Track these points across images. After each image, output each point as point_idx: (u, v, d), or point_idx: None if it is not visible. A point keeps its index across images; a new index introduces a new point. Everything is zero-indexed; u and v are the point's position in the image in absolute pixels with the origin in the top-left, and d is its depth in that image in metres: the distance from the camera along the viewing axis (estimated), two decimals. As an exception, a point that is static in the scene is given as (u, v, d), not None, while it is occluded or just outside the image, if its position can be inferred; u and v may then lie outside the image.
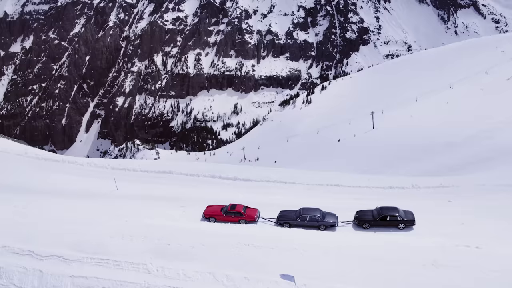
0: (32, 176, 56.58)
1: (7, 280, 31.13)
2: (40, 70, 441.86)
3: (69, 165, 64.15)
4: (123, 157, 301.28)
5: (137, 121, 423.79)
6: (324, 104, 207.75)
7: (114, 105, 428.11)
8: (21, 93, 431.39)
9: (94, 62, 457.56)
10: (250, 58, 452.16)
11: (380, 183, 53.97)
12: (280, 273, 27.71)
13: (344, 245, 32.41)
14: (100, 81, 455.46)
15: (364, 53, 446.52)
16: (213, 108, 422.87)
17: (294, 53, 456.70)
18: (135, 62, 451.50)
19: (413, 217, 37.72)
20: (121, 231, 34.96)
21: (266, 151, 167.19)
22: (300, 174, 61.18)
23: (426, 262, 29.56)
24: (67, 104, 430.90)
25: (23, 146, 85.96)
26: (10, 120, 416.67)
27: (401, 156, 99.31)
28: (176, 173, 59.67)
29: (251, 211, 39.75)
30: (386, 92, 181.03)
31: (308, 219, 37.76)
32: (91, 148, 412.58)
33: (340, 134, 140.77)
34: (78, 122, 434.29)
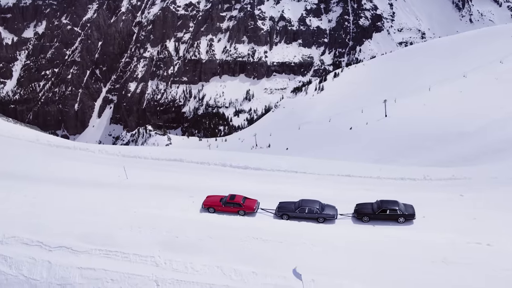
0: (43, 163, 56.70)
1: (16, 271, 31.27)
2: (53, 56, 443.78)
3: (80, 152, 64.09)
4: (135, 142, 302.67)
5: (149, 106, 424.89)
6: (337, 91, 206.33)
7: (126, 90, 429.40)
8: (34, 78, 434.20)
9: (106, 47, 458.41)
10: (262, 44, 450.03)
11: (392, 174, 53.27)
12: (289, 269, 27.48)
13: (353, 240, 32.04)
14: (113, 67, 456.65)
15: (377, 40, 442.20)
16: (225, 94, 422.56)
17: (306, 40, 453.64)
18: (148, 48, 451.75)
19: (414, 211, 37.19)
20: (130, 222, 34.91)
21: (278, 138, 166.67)
22: (311, 163, 60.51)
23: (436, 259, 29.10)
24: (79, 90, 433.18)
25: (35, 132, 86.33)
26: (23, 105, 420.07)
27: (413, 145, 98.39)
28: (187, 161, 59.42)
29: (250, 202, 39.51)
30: (399, 80, 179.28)
31: (307, 211, 37.44)
32: (103, 133, 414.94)
33: (352, 121, 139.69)
34: (91, 108, 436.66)
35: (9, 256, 32.26)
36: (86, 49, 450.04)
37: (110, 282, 29.07)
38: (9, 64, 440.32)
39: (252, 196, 40.97)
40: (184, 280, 28.31)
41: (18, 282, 30.65)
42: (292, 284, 26.54)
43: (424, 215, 37.09)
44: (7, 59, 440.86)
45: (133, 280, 28.86)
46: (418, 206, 39.03)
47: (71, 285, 29.59)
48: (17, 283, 30.64)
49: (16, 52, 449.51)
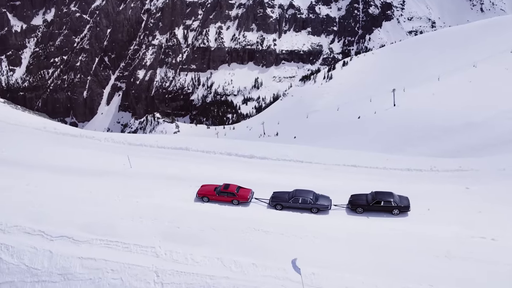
0: (49, 151, 56.53)
1: (18, 260, 31.33)
2: (62, 43, 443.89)
3: (86, 140, 63.95)
4: (143, 130, 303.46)
5: (158, 94, 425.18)
6: (345, 80, 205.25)
7: (135, 78, 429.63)
8: (43, 65, 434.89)
9: (115, 35, 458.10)
10: (271, 32, 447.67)
11: (398, 164, 52.71)
12: (289, 261, 27.20)
13: (355, 233, 31.77)
14: (121, 54, 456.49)
15: (387, 29, 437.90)
16: (233, 82, 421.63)
17: (316, 28, 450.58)
18: (156, 35, 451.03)
19: (408, 203, 36.81)
20: (132, 213, 34.85)
21: (285, 127, 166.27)
22: (317, 152, 59.87)
23: (440, 253, 28.78)
24: (88, 77, 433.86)
25: (42, 119, 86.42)
26: (32, 93, 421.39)
27: (421, 135, 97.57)
28: (193, 150, 59.13)
29: (244, 191, 39.37)
30: (408, 69, 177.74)
31: (301, 201, 37.23)
32: (112, 120, 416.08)
33: (360, 110, 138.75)
34: (99, 95, 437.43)
35: (11, 245, 32.31)
36: (95, 36, 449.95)
37: (110, 272, 29.02)
38: (18, 51, 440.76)
39: (257, 186, 40.81)
40: (184, 272, 28.19)
41: (20, 271, 30.70)
42: (292, 276, 26.30)
43: (429, 207, 36.74)
44: (16, 47, 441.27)
45: (133, 270, 28.77)
46: (424, 198, 38.81)
47: (72, 274, 29.56)
48: (18, 272, 30.70)
49: (25, 40, 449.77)
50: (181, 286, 27.48)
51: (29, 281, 30.00)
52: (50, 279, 29.70)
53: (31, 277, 30.14)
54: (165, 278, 28.10)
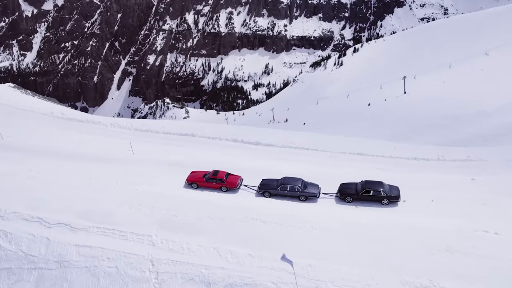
0: (54, 137, 56.53)
1: (16, 247, 31.39)
2: (72, 28, 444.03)
3: (93, 125, 63.78)
4: (153, 115, 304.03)
5: (168, 79, 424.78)
6: (356, 66, 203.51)
7: (145, 63, 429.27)
8: (54, 50, 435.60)
9: (125, 20, 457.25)
10: (282, 18, 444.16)
11: (405, 153, 51.76)
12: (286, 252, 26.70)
13: (354, 224, 31.16)
14: (132, 39, 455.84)
15: (398, 16, 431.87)
16: (244, 68, 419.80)
17: (327, 14, 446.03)
18: (167, 20, 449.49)
19: (399, 193, 36.36)
20: (130, 200, 34.63)
21: (295, 113, 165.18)
22: (324, 140, 59.11)
23: (441, 247, 28.11)
24: (99, 62, 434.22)
25: (51, 104, 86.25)
26: (43, 77, 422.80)
27: (431, 123, 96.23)
28: (199, 136, 58.66)
29: (233, 178, 39.30)
30: (419, 56, 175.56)
31: (289, 189, 36.95)
32: (122, 105, 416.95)
33: (370, 98, 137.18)
34: (110, 80, 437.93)
35: (9, 232, 32.43)
36: (106, 21, 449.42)
37: (106, 261, 28.86)
38: (29, 36, 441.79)
39: (260, 174, 40.49)
40: (179, 261, 27.94)
41: (17, 258, 30.74)
42: (288, 268, 25.80)
43: (433, 198, 36.03)
44: (27, 32, 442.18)
45: (129, 259, 28.58)
46: (429, 189, 38.19)
47: (68, 262, 29.50)
48: (16, 259, 30.74)
49: (36, 25, 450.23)
50: (176, 275, 27.23)
51: (26, 268, 29.99)
52: (46, 266, 29.64)
53: (28, 264, 30.15)
54: (160, 267, 27.87)
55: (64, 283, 28.49)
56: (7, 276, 29.97)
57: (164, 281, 27.08)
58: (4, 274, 30.12)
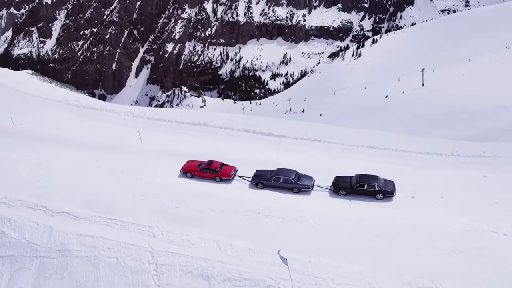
0: (66, 125, 56.79)
1: (19, 234, 31.56)
2: (92, 15, 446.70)
3: (106, 113, 63.86)
4: (170, 103, 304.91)
5: (186, 68, 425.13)
6: (374, 58, 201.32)
7: (163, 51, 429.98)
8: (73, 37, 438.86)
9: (144, 8, 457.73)
10: (301, 8, 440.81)
11: (419, 147, 50.74)
12: (287, 247, 26.20)
13: (358, 221, 30.43)
14: (150, 27, 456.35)
15: (419, 7, 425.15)
16: (262, 57, 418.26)
17: (346, 4, 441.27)
18: (186, 9, 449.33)
19: (394, 188, 35.75)
20: (134, 190, 34.48)
21: (312, 103, 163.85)
22: (337, 132, 58.28)
23: (446, 246, 27.28)
24: (117, 49, 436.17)
25: (66, 92, 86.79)
26: (62, 64, 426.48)
27: (448, 117, 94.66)
28: (211, 126, 58.37)
29: (227, 169, 39.31)
30: (439, 49, 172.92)
31: (282, 180, 36.78)
32: (140, 93, 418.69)
33: (388, 90, 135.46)
34: (128, 68, 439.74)
35: (13, 219, 32.64)
36: (124, 9, 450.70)
37: (106, 251, 28.75)
38: (48, 23, 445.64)
39: (269, 165, 40.12)
40: (179, 253, 27.68)
41: (20, 246, 30.90)
42: (288, 264, 25.23)
43: (443, 195, 35.22)
44: (47, 19, 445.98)
45: (129, 250, 28.41)
46: (439, 185, 37.43)
47: (69, 251, 29.48)
48: (19, 246, 30.90)
49: (55, 12, 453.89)
50: (175, 268, 26.97)
51: (29, 256, 30.09)
52: (48, 255, 29.67)
53: (30, 252, 30.24)
54: (160, 259, 27.65)
55: (65, 272, 28.45)
56: (10, 264, 30.12)
57: (162, 273, 26.83)
58: (7, 261, 30.27)
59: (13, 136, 50.38)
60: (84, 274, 28.00)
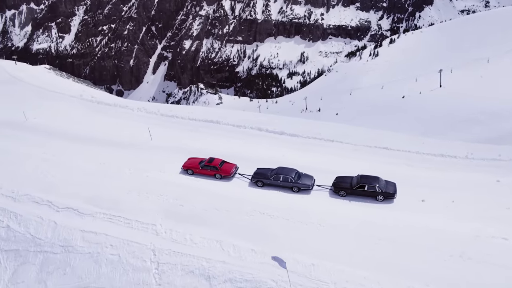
0: (78, 120, 57.01)
1: (24, 229, 31.70)
2: (110, 11, 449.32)
3: (120, 109, 63.90)
4: (187, 100, 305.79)
5: (203, 65, 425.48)
6: (391, 58, 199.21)
7: (181, 48, 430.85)
8: (91, 33, 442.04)
9: (162, 4, 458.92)
10: (319, 6, 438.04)
11: (433, 149, 49.75)
12: (291, 249, 25.71)
13: (367, 223, 29.76)
14: (168, 24, 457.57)
15: (438, 7, 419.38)
16: (279, 56, 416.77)
17: (365, 3, 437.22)
18: (204, 6, 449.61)
19: (395, 190, 35.00)
20: (139, 187, 34.34)
21: (328, 103, 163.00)
22: (350, 131, 57.48)
23: (454, 252, 26.51)
24: (135, 46, 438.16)
25: (82, 87, 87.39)
26: (80, 60, 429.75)
27: (466, 119, 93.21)
28: (224, 123, 57.97)
29: (227, 166, 39.05)
30: (457, 49, 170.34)
31: (282, 179, 36.39)
32: (157, 89, 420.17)
33: (405, 90, 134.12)
34: (146, 64, 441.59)
35: (19, 214, 32.82)
36: (143, 5, 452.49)
37: (109, 248, 28.65)
38: (67, 19, 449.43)
39: (278, 165, 39.16)
40: (181, 252, 27.42)
41: (25, 240, 31.03)
42: (291, 266, 24.85)
43: (454, 199, 34.28)
44: (66, 14, 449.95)
45: (131, 247, 28.25)
46: (451, 188, 36.52)
47: (72, 247, 29.46)
48: (23, 241, 31.05)
49: (74, 8, 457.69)
50: (176, 267, 26.70)
51: (32, 251, 30.17)
52: (52, 250, 29.70)
53: (34, 247, 30.32)
54: (162, 257, 27.44)
55: (67, 268, 28.41)
56: (14, 258, 30.27)
57: (164, 272, 26.59)
58: (12, 256, 30.40)
59: (25, 130, 50.74)
60: (86, 270, 27.93)
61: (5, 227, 31.91)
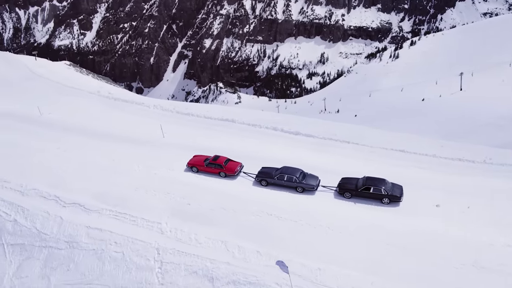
0: (93, 116, 56.94)
1: (31, 223, 31.62)
2: (131, 9, 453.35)
3: (136, 106, 63.82)
4: (206, 98, 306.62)
5: (223, 64, 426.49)
6: (412, 60, 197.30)
7: (201, 46, 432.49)
8: (113, 30, 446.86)
9: (183, 3, 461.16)
10: (340, 7, 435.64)
11: (451, 153, 48.45)
12: (298, 252, 24.96)
13: (377, 227, 28.83)
14: (189, 22, 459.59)
15: (460, 9, 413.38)
16: (299, 56, 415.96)
17: (386, 5, 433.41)
18: (224, 5, 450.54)
19: (401, 193, 34.00)
20: (147, 185, 34.00)
21: (347, 104, 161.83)
22: (367, 133, 56.32)
23: (467, 260, 25.50)
24: (156, 44, 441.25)
25: (100, 83, 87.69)
26: (101, 56, 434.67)
27: (486, 123, 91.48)
28: (239, 122, 57.30)
29: (232, 165, 38.47)
30: (479, 53, 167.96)
31: (286, 179, 35.65)
32: (177, 87, 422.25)
33: (425, 93, 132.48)
34: (166, 62, 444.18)
35: (27, 208, 32.79)
36: (164, 3, 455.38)
37: (113, 245, 28.32)
38: (89, 16, 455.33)
39: (289, 165, 38.48)
40: (185, 252, 26.94)
41: (31, 235, 30.97)
42: (296, 270, 24.18)
43: (469, 205, 33.15)
44: (88, 12, 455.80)
45: (136, 245, 27.88)
46: (467, 194, 35.27)
47: (77, 243, 29.25)
48: (29, 235, 30.99)
49: (96, 5, 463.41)
50: (179, 266, 26.22)
51: (38, 246, 30.08)
52: (56, 246, 29.54)
53: (40, 242, 30.22)
54: (165, 256, 27.00)
55: (71, 264, 28.18)
56: (19, 252, 30.22)
57: (167, 272, 26.13)
58: (17, 250, 30.34)
59: (39, 125, 50.86)
60: (89, 267, 27.68)
61: (12, 221, 31.84)
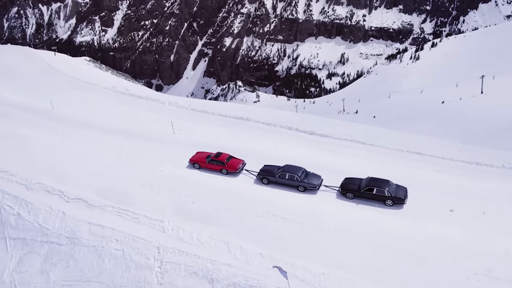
0: (106, 111, 56.81)
1: (33, 218, 31.33)
2: (153, 7, 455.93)
3: (151, 102, 63.75)
4: (224, 97, 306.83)
5: (243, 62, 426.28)
6: (432, 62, 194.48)
7: (221, 45, 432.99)
8: (134, 28, 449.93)
9: (205, 1, 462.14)
10: (361, 8, 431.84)
11: (468, 156, 47.10)
12: (301, 255, 24.01)
13: (385, 233, 27.67)
14: (210, 21, 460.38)
15: (483, 12, 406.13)
16: (319, 56, 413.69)
17: (408, 6, 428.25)
18: (245, 4, 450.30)
19: (405, 195, 32.91)
20: (152, 182, 33.47)
21: (366, 105, 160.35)
22: (383, 134, 55.17)
23: (479, 270, 24.26)
24: (176, 41, 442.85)
25: (117, 79, 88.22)
26: (121, 53, 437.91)
27: (507, 126, 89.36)
28: (254, 121, 56.71)
29: (234, 162, 37.94)
30: (501, 56, 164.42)
31: (287, 177, 34.97)
32: (196, 85, 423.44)
33: (445, 95, 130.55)
34: (186, 59, 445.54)
35: (30, 202, 32.54)
36: (185, 2, 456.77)
37: (114, 242, 27.83)
38: (111, 13, 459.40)
39: (300, 164, 37.57)
40: (186, 252, 26.22)
41: (33, 229, 30.70)
42: (299, 274, 23.25)
43: (485, 211, 31.82)
44: (110, 8, 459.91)
45: (136, 243, 27.30)
46: (483, 199, 33.93)
47: (78, 239, 28.83)
48: (32, 230, 30.71)
49: (118, 2, 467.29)
50: (179, 267, 25.51)
51: (39, 240, 29.78)
52: (57, 241, 29.18)
53: (41, 237, 29.91)
54: (166, 256, 26.34)
55: (71, 260, 27.76)
56: (21, 246, 30.01)
57: (166, 271, 25.44)
58: (19, 244, 30.15)
59: (51, 119, 50.97)
60: (89, 264, 27.19)
61: (16, 214, 31.62)
